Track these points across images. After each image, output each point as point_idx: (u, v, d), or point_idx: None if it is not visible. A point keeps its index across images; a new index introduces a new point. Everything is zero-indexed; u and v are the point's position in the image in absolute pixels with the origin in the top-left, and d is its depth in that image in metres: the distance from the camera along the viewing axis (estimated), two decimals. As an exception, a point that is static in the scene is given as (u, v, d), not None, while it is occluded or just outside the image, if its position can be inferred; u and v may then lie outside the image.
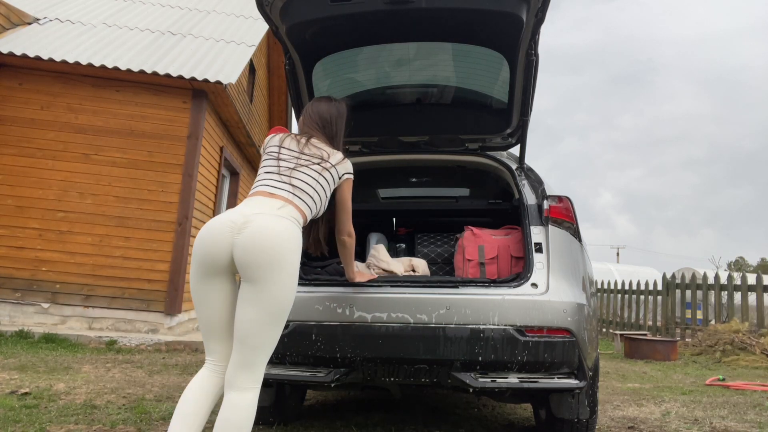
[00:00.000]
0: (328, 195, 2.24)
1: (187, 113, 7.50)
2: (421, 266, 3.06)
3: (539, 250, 2.58)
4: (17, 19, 7.96)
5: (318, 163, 2.19)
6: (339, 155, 2.28)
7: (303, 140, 2.24)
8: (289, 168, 2.15)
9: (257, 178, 2.20)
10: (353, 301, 2.43)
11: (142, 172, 7.33)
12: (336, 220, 2.34)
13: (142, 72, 7.16)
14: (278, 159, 2.19)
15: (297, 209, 2.07)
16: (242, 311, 1.89)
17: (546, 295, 2.41)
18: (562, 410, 2.64)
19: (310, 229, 2.41)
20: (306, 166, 2.17)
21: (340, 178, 2.27)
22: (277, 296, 1.89)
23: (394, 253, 3.71)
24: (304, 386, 3.13)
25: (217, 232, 1.92)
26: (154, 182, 7.33)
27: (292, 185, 2.11)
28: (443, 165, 3.49)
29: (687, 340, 8.68)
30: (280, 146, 2.23)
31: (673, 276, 9.92)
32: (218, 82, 7.22)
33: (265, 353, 1.93)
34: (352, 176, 2.31)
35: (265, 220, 1.92)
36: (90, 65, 7.09)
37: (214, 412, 2.77)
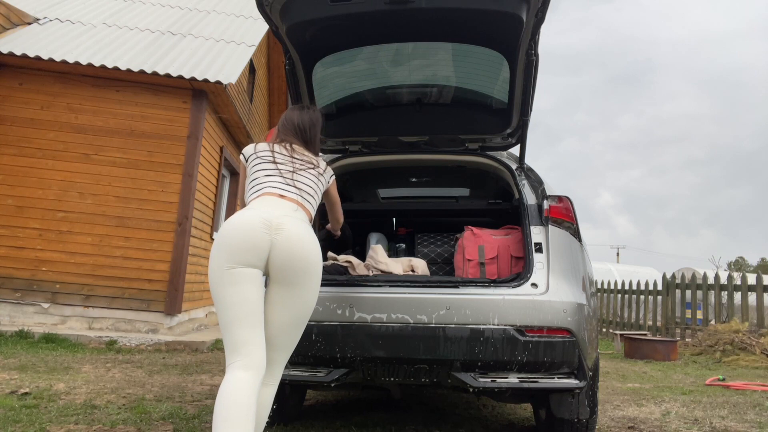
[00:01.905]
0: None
1: (187, 113, 7.50)
2: (420, 266, 3.05)
3: (539, 250, 2.58)
4: (17, 19, 7.96)
5: (313, 168, 2.30)
6: (324, 163, 2.41)
7: (288, 146, 2.33)
8: (290, 171, 2.23)
9: (257, 180, 2.22)
10: (353, 302, 2.43)
11: (142, 172, 7.33)
12: (331, 217, 2.68)
13: (142, 72, 7.16)
14: (275, 162, 2.24)
15: (307, 213, 2.19)
16: (274, 314, 2.00)
17: (546, 295, 2.41)
18: (562, 410, 2.64)
19: None
20: (304, 170, 2.27)
21: (327, 182, 2.43)
22: (308, 301, 2.04)
23: (394, 253, 3.71)
24: (304, 386, 3.13)
25: (254, 228, 1.96)
26: (154, 182, 7.32)
27: (297, 188, 2.20)
28: (443, 165, 3.49)
29: (687, 340, 8.68)
30: (272, 151, 2.29)
31: (673, 276, 9.92)
32: (218, 82, 7.21)
33: (288, 352, 2.07)
34: (334, 176, 2.54)
35: (297, 226, 2.02)
36: (90, 65, 7.09)
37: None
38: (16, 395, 3.58)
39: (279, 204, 2.10)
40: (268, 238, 1.95)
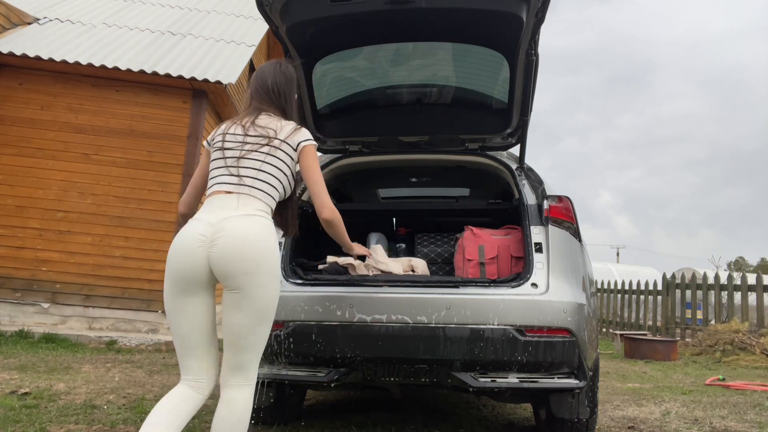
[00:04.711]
0: (291, 172, 2.09)
1: (187, 113, 7.50)
2: (420, 266, 3.05)
3: (539, 250, 2.58)
4: (17, 19, 7.96)
5: (266, 144, 2.02)
6: (289, 127, 2.08)
7: (248, 122, 2.07)
8: (235, 158, 2.01)
9: (210, 176, 2.06)
10: (353, 302, 2.43)
11: (142, 172, 7.33)
12: (312, 198, 2.11)
13: (142, 72, 7.16)
14: (223, 149, 2.04)
15: (258, 200, 1.98)
16: (230, 316, 1.88)
17: (546, 295, 2.41)
18: (562, 410, 2.64)
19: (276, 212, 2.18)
20: (254, 151, 2.01)
21: (295, 150, 2.07)
22: (263, 297, 1.88)
23: (394, 252, 3.71)
24: (304, 386, 3.13)
25: (188, 249, 1.87)
26: (154, 182, 7.33)
27: (240, 176, 1.98)
28: (443, 165, 3.49)
29: (687, 340, 8.68)
30: (224, 134, 2.07)
31: (673, 276, 9.92)
32: (218, 82, 7.22)
33: (257, 352, 1.93)
34: (310, 143, 2.08)
35: (235, 226, 1.88)
36: (90, 65, 7.09)
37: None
38: (16, 395, 3.58)
39: (221, 204, 1.94)
40: (203, 254, 1.86)
